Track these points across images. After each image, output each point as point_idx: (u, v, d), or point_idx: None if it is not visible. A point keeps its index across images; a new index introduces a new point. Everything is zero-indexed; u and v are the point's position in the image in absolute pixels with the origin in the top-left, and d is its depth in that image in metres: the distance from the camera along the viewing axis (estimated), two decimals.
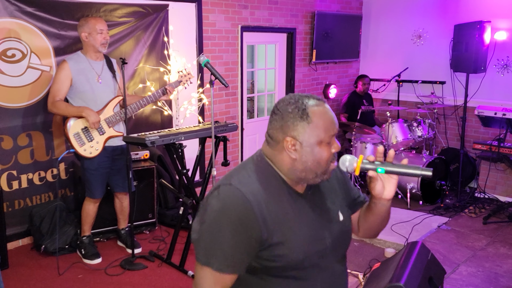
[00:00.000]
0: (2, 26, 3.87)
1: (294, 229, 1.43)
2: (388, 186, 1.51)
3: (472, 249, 4.32)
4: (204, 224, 1.39)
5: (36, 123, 4.16)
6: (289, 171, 1.47)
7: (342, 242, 1.57)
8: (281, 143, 1.44)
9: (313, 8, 6.43)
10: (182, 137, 3.58)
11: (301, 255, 1.43)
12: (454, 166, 5.89)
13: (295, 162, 1.44)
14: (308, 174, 1.45)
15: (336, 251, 1.54)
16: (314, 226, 1.49)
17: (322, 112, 1.43)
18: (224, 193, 1.40)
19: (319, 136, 1.42)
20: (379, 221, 1.61)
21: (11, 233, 4.08)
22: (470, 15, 6.00)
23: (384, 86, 7.04)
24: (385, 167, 1.46)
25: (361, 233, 1.71)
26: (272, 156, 1.49)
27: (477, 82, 6.00)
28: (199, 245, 1.40)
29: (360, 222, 1.68)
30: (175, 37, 4.93)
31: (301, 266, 1.44)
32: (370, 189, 1.52)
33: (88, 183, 3.87)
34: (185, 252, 3.82)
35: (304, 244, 1.44)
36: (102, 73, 3.84)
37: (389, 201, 1.54)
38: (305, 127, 1.41)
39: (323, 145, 1.43)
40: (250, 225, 1.36)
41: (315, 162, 1.43)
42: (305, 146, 1.42)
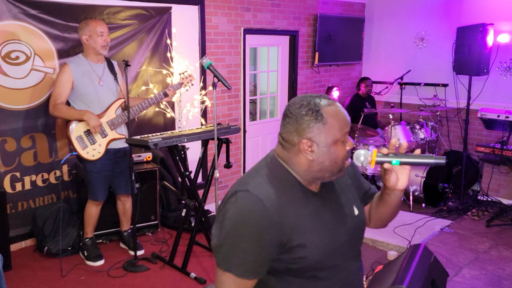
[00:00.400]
0: (6, 29, 3.89)
1: (312, 231, 1.46)
2: (402, 177, 1.54)
3: (475, 252, 4.31)
4: (224, 231, 1.42)
5: (39, 125, 4.17)
6: (305, 172, 1.49)
7: (357, 237, 1.62)
8: (297, 145, 1.47)
9: (315, 10, 6.44)
10: (185, 139, 3.59)
11: (320, 255, 1.46)
12: (457, 168, 5.88)
13: (312, 163, 1.47)
14: (325, 173, 1.48)
15: (352, 247, 1.58)
16: (331, 224, 1.52)
17: (335, 111, 1.46)
18: (242, 200, 1.41)
19: (335, 136, 1.45)
20: (392, 211, 1.65)
21: (14, 234, 4.09)
22: (473, 17, 6.00)
23: (386, 88, 7.04)
24: (399, 158, 1.49)
25: (372, 224, 1.75)
26: (287, 158, 1.51)
27: (480, 84, 5.99)
28: (220, 251, 1.43)
29: (372, 213, 1.72)
30: (178, 39, 4.94)
31: (320, 266, 1.47)
32: (385, 181, 1.55)
33: (91, 185, 3.87)
34: (187, 254, 3.82)
35: (322, 244, 1.47)
36: (103, 75, 3.85)
37: (402, 191, 1.58)
38: (320, 128, 1.44)
39: (339, 144, 1.46)
40: (269, 231, 1.38)
41: (332, 161, 1.46)
42: (321, 147, 1.45)
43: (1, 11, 3.84)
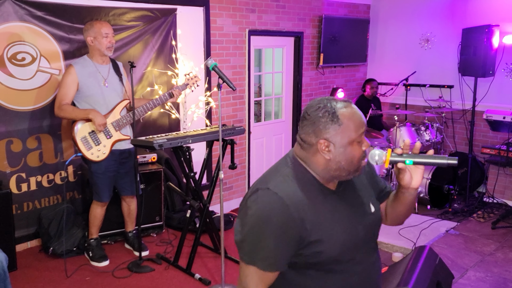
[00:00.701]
0: (12, 30, 3.91)
1: (330, 226, 1.53)
2: (416, 176, 1.60)
3: (481, 254, 4.29)
4: (246, 227, 1.51)
5: (45, 126, 4.19)
6: (323, 171, 1.57)
7: (373, 232, 1.67)
8: (314, 145, 1.55)
9: (320, 12, 6.44)
10: (190, 140, 3.59)
11: (338, 249, 1.53)
12: (463, 170, 5.85)
13: (329, 162, 1.55)
14: (342, 172, 1.55)
15: (368, 242, 1.64)
16: (348, 220, 1.58)
17: (351, 113, 1.54)
18: (263, 198, 1.50)
19: (350, 136, 1.52)
20: (407, 209, 1.71)
21: (20, 235, 4.11)
22: (478, 19, 5.97)
23: (391, 90, 7.03)
24: (413, 158, 1.55)
25: (389, 221, 1.81)
26: (306, 158, 1.59)
27: (485, 86, 5.97)
28: (243, 246, 1.52)
29: (388, 211, 1.77)
30: (183, 40, 4.95)
31: (339, 260, 1.54)
32: (399, 180, 1.61)
33: (96, 186, 3.89)
34: (192, 255, 3.83)
35: (340, 239, 1.53)
36: (108, 76, 3.86)
37: (416, 190, 1.64)
38: (336, 129, 1.51)
39: (354, 144, 1.54)
40: (289, 227, 1.47)
41: (348, 161, 1.54)
42: (338, 147, 1.52)
43: (8, 12, 3.86)
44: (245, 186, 5.85)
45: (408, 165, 1.56)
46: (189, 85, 4.04)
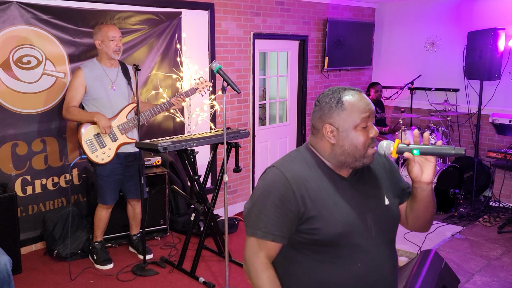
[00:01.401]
0: (18, 34, 3.93)
1: (332, 206, 1.56)
2: (426, 169, 1.59)
3: (487, 259, 4.26)
4: (252, 201, 1.63)
5: (50, 129, 4.20)
6: (329, 156, 1.63)
7: (388, 226, 1.66)
8: (321, 130, 1.62)
9: (325, 15, 6.43)
10: (194, 143, 3.59)
11: (337, 229, 1.54)
12: (468, 174, 5.82)
13: (334, 146, 1.60)
14: (347, 158, 1.59)
15: (381, 235, 1.62)
16: (355, 206, 1.60)
17: (356, 99, 1.59)
18: (268, 174, 1.63)
19: (354, 121, 1.57)
20: (423, 208, 1.67)
21: (25, 238, 4.12)
22: (484, 22, 5.95)
23: (397, 93, 7.01)
24: (420, 148, 1.55)
25: (410, 224, 1.77)
26: (315, 143, 1.66)
27: (491, 89, 5.94)
28: (248, 219, 1.63)
29: (407, 212, 1.75)
30: (188, 44, 4.96)
31: (340, 242, 1.55)
32: (409, 172, 1.61)
33: (100, 189, 3.89)
34: (196, 259, 3.82)
35: (341, 220, 1.55)
36: (116, 80, 3.87)
37: (429, 185, 1.62)
38: (340, 114, 1.58)
39: (359, 130, 1.57)
40: (288, 199, 1.55)
41: (352, 146, 1.57)
42: (341, 131, 1.58)
43: (14, 16, 3.88)
44: (250, 189, 5.85)
45: (416, 155, 1.55)
46: (198, 90, 4.02)
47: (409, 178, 1.64)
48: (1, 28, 3.83)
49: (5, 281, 2.88)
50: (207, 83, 4.04)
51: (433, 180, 5.32)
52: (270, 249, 1.59)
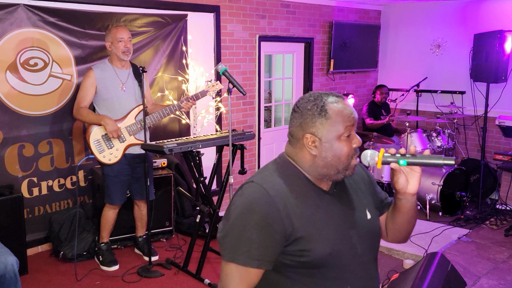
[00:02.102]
0: (26, 36, 3.95)
1: (319, 224, 1.43)
2: (412, 180, 1.50)
3: (494, 262, 4.23)
4: (229, 221, 1.41)
5: (57, 130, 4.22)
6: (310, 168, 1.48)
7: (371, 243, 1.55)
8: (301, 140, 1.47)
9: (331, 18, 6.44)
10: (200, 144, 3.60)
11: (327, 249, 1.42)
12: (475, 177, 5.79)
13: (316, 158, 1.46)
14: (330, 170, 1.46)
15: (367, 253, 1.52)
16: (340, 222, 1.48)
17: (340, 108, 1.46)
18: (247, 191, 1.43)
19: (338, 131, 1.44)
20: (406, 220, 1.60)
21: (31, 239, 4.13)
22: (490, 24, 5.93)
23: (402, 96, 6.99)
24: (407, 158, 1.46)
25: (390, 237, 1.69)
26: (294, 154, 1.51)
27: (498, 92, 5.92)
28: (225, 242, 1.41)
29: (388, 224, 1.67)
30: (194, 46, 4.97)
31: (329, 263, 1.43)
32: (394, 183, 1.52)
33: (108, 189, 3.90)
34: (201, 261, 3.82)
35: (330, 240, 1.43)
36: (127, 81, 3.88)
37: (414, 196, 1.54)
38: (323, 123, 1.44)
39: (343, 140, 1.45)
40: (274, 219, 1.37)
41: (335, 157, 1.45)
42: (324, 142, 1.44)
43: (21, 18, 3.91)
44: None
45: (402, 166, 1.46)
46: (209, 92, 4.02)
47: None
48: (8, 30, 3.86)
49: (12, 281, 2.89)
50: (218, 86, 4.02)
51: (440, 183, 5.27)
52: (252, 277, 1.40)
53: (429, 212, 5.35)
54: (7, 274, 2.87)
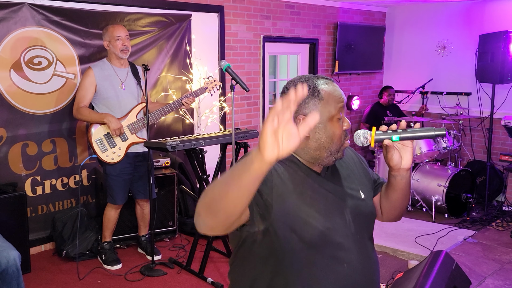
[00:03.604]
0: (30, 35, 3.97)
1: (311, 202, 1.44)
2: (405, 155, 1.52)
3: (500, 262, 4.18)
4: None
5: (60, 129, 4.23)
6: (302, 151, 1.49)
7: (366, 222, 1.57)
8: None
9: (335, 19, 6.43)
10: (203, 142, 3.59)
11: (319, 227, 1.42)
12: (481, 179, 5.74)
13: (308, 140, 1.47)
14: (322, 152, 1.48)
15: (360, 231, 1.53)
16: (333, 201, 1.50)
17: (332, 89, 1.48)
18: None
19: (330, 112, 1.46)
20: (401, 197, 1.61)
21: (34, 238, 4.13)
22: (495, 25, 5.90)
23: (408, 97, 6.96)
24: (399, 134, 1.48)
25: (385, 215, 1.71)
26: None
27: (503, 93, 5.87)
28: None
29: (382, 203, 1.69)
30: (197, 46, 4.98)
31: (322, 241, 1.43)
32: (388, 160, 1.54)
33: (110, 189, 3.89)
34: (204, 259, 3.80)
35: (321, 218, 1.44)
36: (126, 80, 3.88)
37: (408, 172, 1.56)
38: (316, 104, 1.46)
39: (334, 121, 1.47)
40: (267, 182, 1.36)
41: (328, 138, 1.47)
42: (317, 123, 1.45)
43: (25, 17, 3.93)
44: None
45: (395, 142, 1.48)
46: (208, 89, 4.01)
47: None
48: (13, 29, 3.88)
49: (14, 275, 2.89)
50: (217, 82, 4.02)
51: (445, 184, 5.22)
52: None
53: (435, 213, 5.30)
54: (10, 268, 2.87)
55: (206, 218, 1.18)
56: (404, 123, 1.49)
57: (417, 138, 1.47)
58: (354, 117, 7.02)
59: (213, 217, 1.17)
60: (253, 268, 1.47)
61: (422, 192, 5.51)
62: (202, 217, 1.19)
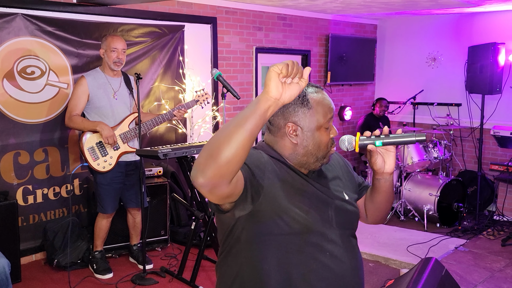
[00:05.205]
0: (23, 45, 3.99)
1: (296, 193, 1.49)
2: (388, 160, 1.59)
3: (490, 270, 4.20)
4: None
5: (52, 139, 4.23)
6: (290, 156, 1.55)
7: (348, 219, 1.62)
8: (282, 129, 1.53)
9: (327, 31, 6.50)
10: (195, 150, 3.61)
11: (303, 215, 1.47)
12: (472, 189, 5.78)
13: (296, 146, 1.53)
14: (309, 158, 1.54)
15: (342, 227, 1.57)
16: (317, 198, 1.54)
17: (321, 98, 1.54)
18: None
19: (319, 121, 1.52)
20: (385, 199, 1.68)
21: (25, 247, 4.11)
22: (484, 37, 6.00)
23: (399, 108, 7.02)
24: (382, 139, 1.54)
25: (369, 218, 1.77)
26: (274, 142, 1.57)
27: (493, 104, 5.95)
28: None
29: (367, 205, 1.75)
30: (190, 56, 5.02)
31: (306, 228, 1.47)
32: (372, 164, 1.61)
33: (100, 198, 3.89)
34: (196, 268, 3.79)
35: (305, 207, 1.48)
36: (119, 89, 3.91)
37: (391, 176, 1.63)
38: (305, 112, 1.51)
39: (322, 130, 1.53)
40: (261, 167, 1.44)
41: (315, 146, 1.53)
42: (305, 131, 1.52)
43: (18, 27, 3.96)
44: None
45: (378, 147, 1.54)
46: (199, 102, 4.05)
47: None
48: (6, 39, 3.90)
49: (3, 283, 2.88)
50: (207, 96, 4.07)
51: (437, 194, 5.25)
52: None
53: (426, 223, 5.33)
54: None
55: (206, 166, 1.20)
56: (386, 129, 1.54)
57: (399, 144, 1.54)
58: (346, 127, 7.07)
59: (213, 163, 1.19)
60: (240, 254, 1.51)
61: (414, 201, 5.54)
62: (201, 166, 1.20)
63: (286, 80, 1.24)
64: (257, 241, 1.48)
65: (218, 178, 1.22)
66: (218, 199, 1.33)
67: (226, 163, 1.19)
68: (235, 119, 1.22)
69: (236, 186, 1.32)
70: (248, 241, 1.48)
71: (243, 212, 1.43)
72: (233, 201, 1.38)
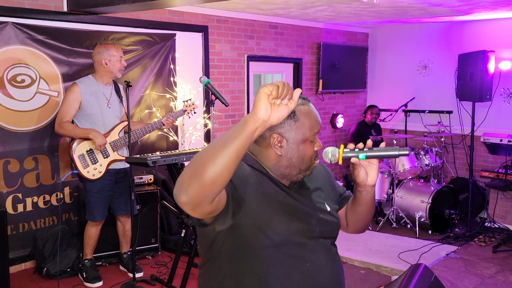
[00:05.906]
0: (13, 53, 4.00)
1: (277, 205, 1.50)
2: (371, 172, 1.58)
3: (481, 277, 4.21)
4: None
5: (42, 147, 4.23)
6: (273, 167, 1.54)
7: (330, 229, 1.62)
8: (267, 139, 1.52)
9: (319, 39, 6.54)
10: (184, 158, 3.61)
11: (283, 227, 1.47)
12: (464, 195, 5.80)
13: (281, 158, 1.52)
14: (292, 170, 1.53)
15: (324, 235, 1.58)
16: (298, 208, 1.54)
17: (308, 111, 1.53)
18: None
19: (305, 134, 1.51)
20: (366, 210, 1.69)
21: (14, 256, 4.08)
22: (474, 45, 6.05)
23: (391, 115, 7.05)
24: (365, 152, 1.53)
25: (350, 227, 1.77)
26: (258, 152, 1.56)
27: (483, 111, 5.99)
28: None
29: (348, 216, 1.75)
30: (181, 64, 5.03)
31: (287, 241, 1.48)
32: (355, 177, 1.59)
33: (89, 205, 3.88)
34: (185, 275, 3.77)
35: (285, 219, 1.49)
36: (111, 98, 3.91)
37: (373, 188, 1.63)
38: (292, 125, 1.50)
39: (307, 143, 1.53)
40: (243, 180, 1.44)
41: (299, 158, 1.52)
42: (290, 143, 1.51)
43: (9, 36, 3.96)
44: None
45: (362, 160, 1.53)
46: (187, 112, 4.06)
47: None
48: None
49: None
50: (195, 106, 4.08)
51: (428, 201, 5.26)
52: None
53: (418, 230, 5.34)
54: None
55: (190, 185, 1.18)
56: (370, 142, 1.54)
57: (382, 157, 1.53)
58: (338, 135, 7.09)
59: (197, 183, 1.17)
60: (221, 268, 1.50)
61: (406, 208, 5.55)
62: (185, 184, 1.19)
63: (275, 101, 1.23)
64: (238, 255, 1.47)
65: (202, 198, 1.21)
66: (200, 215, 1.33)
67: (210, 183, 1.19)
68: (221, 138, 1.21)
69: (219, 203, 1.32)
70: (229, 255, 1.48)
71: (223, 226, 1.42)
72: (215, 215, 1.38)
